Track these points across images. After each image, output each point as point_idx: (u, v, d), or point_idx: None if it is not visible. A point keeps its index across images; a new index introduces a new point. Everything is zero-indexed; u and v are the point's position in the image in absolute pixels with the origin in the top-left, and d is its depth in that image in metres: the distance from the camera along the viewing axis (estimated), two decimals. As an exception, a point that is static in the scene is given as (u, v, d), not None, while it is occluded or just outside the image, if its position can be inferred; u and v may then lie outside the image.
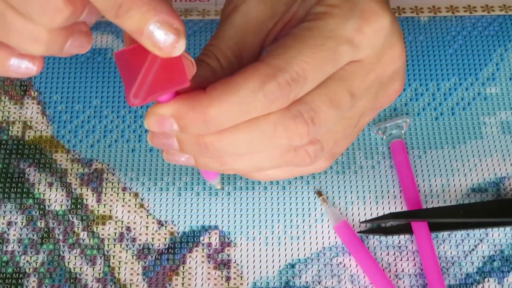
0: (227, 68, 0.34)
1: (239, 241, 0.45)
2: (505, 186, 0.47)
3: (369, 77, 0.34)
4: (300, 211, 0.46)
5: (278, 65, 0.31)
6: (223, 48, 0.34)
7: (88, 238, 0.45)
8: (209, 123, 0.31)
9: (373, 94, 0.36)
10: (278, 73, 0.31)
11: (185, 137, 0.33)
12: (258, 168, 0.35)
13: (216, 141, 0.32)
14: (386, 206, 0.46)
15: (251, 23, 0.35)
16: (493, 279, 0.44)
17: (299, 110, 0.32)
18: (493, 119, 0.49)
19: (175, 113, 0.31)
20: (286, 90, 0.31)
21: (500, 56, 0.52)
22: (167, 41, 0.27)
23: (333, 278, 0.43)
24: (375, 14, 0.34)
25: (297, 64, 0.31)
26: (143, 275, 0.44)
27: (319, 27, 0.33)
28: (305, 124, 0.32)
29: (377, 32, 0.34)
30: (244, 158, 0.34)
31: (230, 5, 0.36)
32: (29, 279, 0.43)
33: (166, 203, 0.46)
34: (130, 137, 0.48)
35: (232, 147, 0.33)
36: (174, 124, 0.31)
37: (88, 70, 0.51)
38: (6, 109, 0.49)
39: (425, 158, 0.48)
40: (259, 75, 0.31)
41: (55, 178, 0.47)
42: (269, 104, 0.31)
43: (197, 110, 0.31)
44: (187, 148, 0.33)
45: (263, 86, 0.31)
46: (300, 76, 0.31)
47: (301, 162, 0.35)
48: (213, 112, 0.31)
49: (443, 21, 0.53)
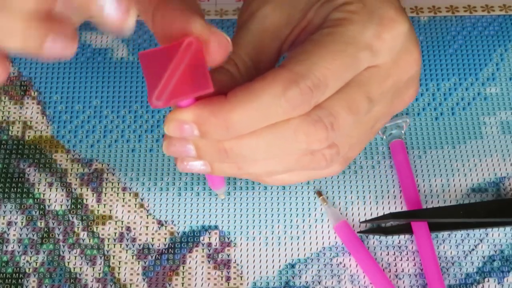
0: (245, 73, 0.34)
1: (239, 241, 0.45)
2: (505, 186, 0.47)
3: (386, 83, 0.35)
4: (300, 211, 0.46)
5: (300, 71, 0.31)
6: (241, 54, 0.34)
7: (88, 238, 0.45)
8: (230, 129, 0.31)
9: (389, 100, 0.36)
10: (300, 79, 0.31)
11: (204, 143, 0.32)
12: (273, 172, 0.35)
13: (236, 146, 0.32)
14: (386, 206, 0.46)
15: (268, 30, 0.35)
16: (493, 279, 0.44)
17: (319, 116, 0.32)
18: (493, 119, 0.49)
19: (196, 118, 0.31)
20: (308, 96, 0.31)
21: (500, 56, 0.52)
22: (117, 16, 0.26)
23: (333, 278, 0.43)
24: (393, 21, 0.34)
25: (319, 70, 0.31)
26: (143, 275, 0.44)
27: (340, 33, 0.33)
28: (325, 129, 0.32)
29: (395, 38, 0.34)
30: (260, 163, 0.34)
31: (246, 11, 0.36)
32: (29, 279, 0.43)
33: (166, 203, 0.46)
34: (130, 137, 0.48)
35: (251, 152, 0.33)
36: (195, 129, 0.31)
37: (88, 70, 0.51)
38: (6, 109, 0.49)
39: (425, 158, 0.48)
40: (281, 80, 0.31)
41: (55, 178, 0.47)
42: (291, 110, 0.31)
43: (218, 115, 0.31)
44: (205, 155, 0.33)
45: (285, 92, 0.31)
46: (321, 82, 0.31)
47: (317, 165, 0.35)
48: (235, 117, 0.31)
49: (443, 21, 0.53)
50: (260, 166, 0.34)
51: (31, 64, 0.51)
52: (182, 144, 0.33)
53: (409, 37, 0.35)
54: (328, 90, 0.32)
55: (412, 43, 0.35)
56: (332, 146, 0.34)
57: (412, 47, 0.35)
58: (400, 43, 0.34)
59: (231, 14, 0.53)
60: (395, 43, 0.34)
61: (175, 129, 0.31)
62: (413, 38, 0.35)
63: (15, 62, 0.51)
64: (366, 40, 0.33)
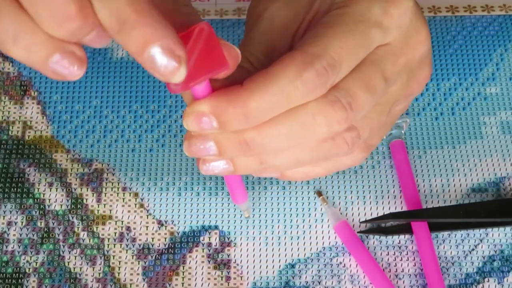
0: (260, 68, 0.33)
1: (239, 241, 0.45)
2: (505, 186, 0.47)
3: (399, 61, 0.35)
4: (300, 211, 0.46)
5: (314, 52, 0.31)
6: (253, 51, 0.34)
7: (88, 238, 0.45)
8: (249, 117, 0.31)
9: (404, 80, 0.36)
10: (315, 60, 0.31)
11: (224, 137, 0.32)
12: (297, 163, 0.35)
13: (257, 136, 0.32)
14: (386, 206, 0.46)
15: (276, 28, 0.35)
16: (493, 279, 0.44)
17: (336, 96, 0.32)
18: (493, 119, 0.49)
19: (214, 108, 0.31)
20: (324, 77, 0.31)
21: (500, 56, 0.52)
22: (168, 67, 0.27)
23: (333, 278, 0.43)
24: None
25: (333, 50, 0.31)
26: (143, 275, 0.44)
27: (348, 13, 0.33)
28: (344, 110, 0.32)
29: (403, 14, 0.34)
30: (283, 154, 0.34)
31: (253, 13, 0.36)
32: (29, 279, 0.43)
33: (166, 203, 0.46)
34: (130, 137, 0.48)
35: (272, 141, 0.32)
36: (213, 121, 0.31)
37: (88, 70, 0.51)
38: (6, 109, 0.49)
39: (425, 158, 0.48)
40: (296, 63, 0.31)
41: (55, 178, 0.47)
42: (309, 92, 0.31)
43: (236, 104, 0.30)
44: (226, 149, 0.32)
45: (301, 74, 0.30)
46: (336, 61, 0.31)
47: (340, 150, 0.34)
48: (253, 104, 0.30)
49: (443, 21, 0.53)
50: (282, 156, 0.34)
51: (31, 64, 0.51)
52: (202, 141, 0.32)
53: (416, 15, 0.35)
54: (342, 69, 0.32)
55: (420, 21, 0.36)
56: (352, 129, 0.34)
57: (420, 25, 0.36)
58: (408, 20, 0.35)
59: (231, 14, 0.53)
60: (403, 18, 0.34)
61: (193, 123, 0.31)
62: (420, 15, 0.36)
63: (15, 62, 0.51)
64: (375, 17, 0.33)
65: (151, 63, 0.26)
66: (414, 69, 0.36)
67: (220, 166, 0.34)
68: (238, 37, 0.52)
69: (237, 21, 0.53)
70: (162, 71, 0.27)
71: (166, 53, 0.26)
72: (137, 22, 0.26)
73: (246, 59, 0.34)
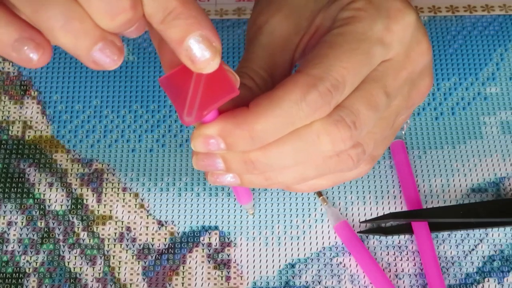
0: (263, 86, 0.34)
1: (239, 241, 0.45)
2: (505, 186, 0.47)
3: (401, 75, 0.35)
4: (300, 211, 0.46)
5: (317, 74, 0.32)
6: (255, 68, 0.35)
7: (88, 238, 0.45)
8: (255, 139, 0.31)
9: (406, 92, 0.36)
10: (319, 82, 0.31)
11: (231, 156, 0.33)
12: (302, 179, 0.35)
13: (262, 156, 0.33)
14: (386, 206, 0.46)
15: (277, 42, 0.36)
16: (493, 279, 0.44)
17: (340, 115, 0.32)
18: (493, 119, 0.49)
19: (221, 131, 0.31)
20: (328, 98, 0.31)
21: (500, 56, 0.52)
22: (203, 57, 0.28)
23: (333, 278, 0.44)
24: (401, 12, 0.34)
25: (336, 71, 0.32)
26: (143, 275, 0.44)
27: (350, 32, 0.33)
28: (348, 128, 0.32)
29: (404, 29, 0.34)
30: (288, 170, 0.34)
31: (253, 26, 0.37)
32: (29, 279, 0.43)
33: (166, 203, 0.46)
34: (130, 137, 0.48)
35: (277, 160, 0.33)
36: (221, 143, 0.31)
37: (88, 70, 0.51)
38: (6, 109, 0.49)
39: (425, 158, 0.48)
40: (300, 86, 0.31)
41: (55, 178, 0.47)
42: (313, 113, 0.31)
43: (243, 126, 0.31)
44: (233, 167, 0.33)
45: (305, 97, 0.31)
46: (339, 82, 0.32)
47: (345, 167, 0.35)
48: (259, 127, 0.31)
49: (443, 21, 0.53)
50: (289, 174, 0.35)
51: (31, 64, 0.51)
52: (210, 158, 0.33)
53: (418, 28, 0.35)
54: (346, 89, 0.32)
55: (421, 33, 0.36)
56: (357, 146, 0.35)
57: (421, 37, 0.36)
58: (410, 34, 0.35)
59: (231, 14, 0.53)
60: (405, 34, 0.34)
61: (201, 145, 0.32)
62: (421, 28, 0.36)
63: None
64: (377, 35, 0.33)
65: (188, 52, 0.27)
66: (416, 81, 0.36)
67: (227, 179, 0.35)
68: (238, 37, 0.52)
69: (237, 21, 0.53)
70: (197, 60, 0.28)
71: (205, 43, 0.27)
72: (182, 12, 0.27)
73: (247, 76, 0.34)
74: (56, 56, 0.51)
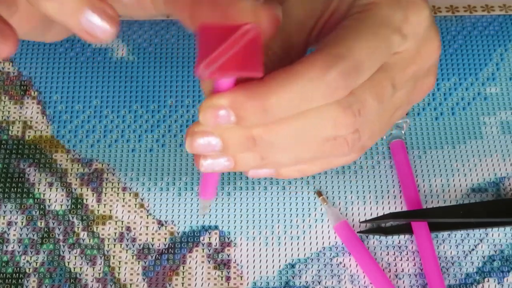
0: (278, 64, 0.33)
1: (239, 241, 0.45)
2: (505, 186, 0.47)
3: (409, 70, 0.34)
4: (300, 211, 0.46)
5: (338, 53, 0.30)
6: (270, 45, 0.34)
7: (88, 238, 0.45)
8: (268, 113, 0.30)
9: (410, 87, 0.36)
10: (340, 61, 0.30)
11: (231, 133, 0.31)
12: (296, 161, 0.34)
13: (265, 133, 0.31)
14: (386, 206, 0.46)
15: (293, 25, 0.35)
16: (493, 279, 0.44)
17: (349, 102, 0.32)
18: (493, 119, 0.49)
19: (233, 103, 0.30)
20: (348, 79, 0.30)
21: (500, 56, 0.52)
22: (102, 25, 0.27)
23: (333, 278, 0.44)
24: (417, 5, 0.34)
25: (357, 52, 0.31)
26: (143, 275, 0.44)
27: (369, 17, 0.33)
28: (353, 116, 0.32)
29: (420, 22, 0.34)
30: (285, 151, 0.33)
31: None
32: (29, 279, 0.43)
33: (166, 203, 0.46)
34: (130, 137, 0.48)
35: (279, 139, 0.32)
36: (232, 115, 0.30)
37: (88, 70, 0.51)
38: (6, 109, 0.49)
39: (425, 158, 0.48)
40: (320, 63, 0.30)
41: (55, 178, 0.47)
42: (331, 93, 0.30)
43: (256, 99, 0.30)
44: (232, 145, 0.32)
45: (325, 75, 0.30)
46: (360, 63, 0.31)
47: (339, 152, 0.34)
48: (273, 101, 0.30)
49: (443, 21, 0.53)
50: (283, 154, 0.34)
51: (31, 64, 0.51)
52: (207, 137, 0.32)
53: (431, 24, 0.35)
54: (365, 73, 0.32)
55: (433, 31, 0.35)
56: (354, 132, 0.34)
57: (434, 34, 0.35)
58: (424, 29, 0.34)
59: None
60: (420, 28, 0.34)
61: (211, 117, 0.30)
62: (433, 25, 0.35)
63: (15, 62, 0.51)
64: (397, 23, 0.33)
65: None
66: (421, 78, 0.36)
67: (221, 163, 0.33)
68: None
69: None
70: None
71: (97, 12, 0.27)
72: None
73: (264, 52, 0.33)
74: (56, 56, 0.51)
